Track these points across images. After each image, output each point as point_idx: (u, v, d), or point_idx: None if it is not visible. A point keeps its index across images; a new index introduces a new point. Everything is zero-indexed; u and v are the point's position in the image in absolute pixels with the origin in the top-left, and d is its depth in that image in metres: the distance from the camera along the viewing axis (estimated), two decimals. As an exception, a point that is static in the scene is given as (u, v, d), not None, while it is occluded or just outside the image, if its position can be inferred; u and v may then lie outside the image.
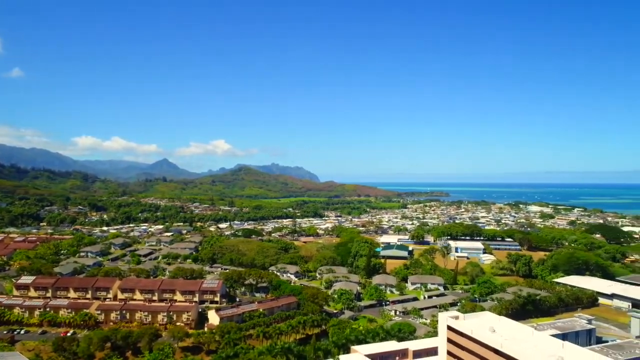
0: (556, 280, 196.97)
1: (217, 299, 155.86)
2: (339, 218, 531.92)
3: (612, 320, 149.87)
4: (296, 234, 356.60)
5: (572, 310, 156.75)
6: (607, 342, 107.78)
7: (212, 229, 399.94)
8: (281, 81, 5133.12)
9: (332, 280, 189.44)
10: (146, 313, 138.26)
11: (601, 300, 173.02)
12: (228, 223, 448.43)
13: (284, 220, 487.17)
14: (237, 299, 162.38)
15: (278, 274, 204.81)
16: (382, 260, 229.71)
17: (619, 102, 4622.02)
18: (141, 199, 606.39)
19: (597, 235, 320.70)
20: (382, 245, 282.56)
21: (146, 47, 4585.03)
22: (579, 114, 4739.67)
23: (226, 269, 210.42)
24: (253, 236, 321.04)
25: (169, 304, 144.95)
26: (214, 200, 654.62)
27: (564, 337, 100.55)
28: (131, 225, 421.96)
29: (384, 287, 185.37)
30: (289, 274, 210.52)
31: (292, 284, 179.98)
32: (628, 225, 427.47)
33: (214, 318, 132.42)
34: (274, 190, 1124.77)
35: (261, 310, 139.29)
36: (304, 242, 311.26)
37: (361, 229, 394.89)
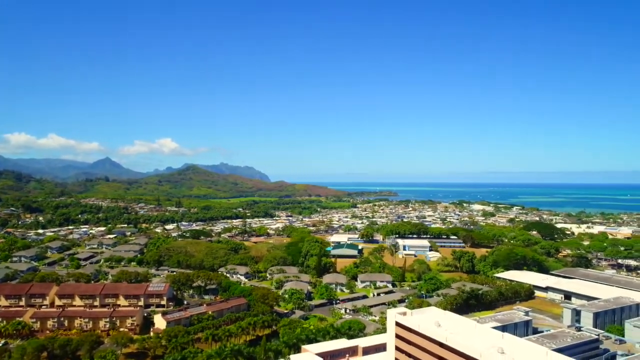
0: (497, 275, 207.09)
1: (163, 302, 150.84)
2: (290, 218, 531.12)
3: (547, 311, 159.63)
4: (246, 235, 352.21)
5: (511, 303, 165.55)
6: (542, 332, 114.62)
7: (158, 230, 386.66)
8: (231, 78, 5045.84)
9: (282, 280, 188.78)
10: (87, 319, 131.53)
11: (537, 293, 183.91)
12: (175, 224, 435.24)
13: (234, 220, 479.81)
14: (185, 302, 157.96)
15: (228, 275, 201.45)
16: (333, 260, 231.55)
17: (555, 104, 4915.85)
18: (81, 199, 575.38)
19: (534, 232, 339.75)
20: (333, 244, 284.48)
21: (85, 39, 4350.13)
22: (517, 116, 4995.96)
23: (173, 272, 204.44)
24: (202, 237, 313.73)
25: (112, 309, 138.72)
26: (161, 201, 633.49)
27: (503, 328, 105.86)
28: (70, 227, 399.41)
29: (334, 285, 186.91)
30: (239, 275, 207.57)
31: (242, 285, 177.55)
32: (561, 223, 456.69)
33: (160, 322, 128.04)
34: (223, 190, 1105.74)
35: (210, 312, 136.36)
36: (255, 242, 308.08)
37: (312, 228, 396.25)
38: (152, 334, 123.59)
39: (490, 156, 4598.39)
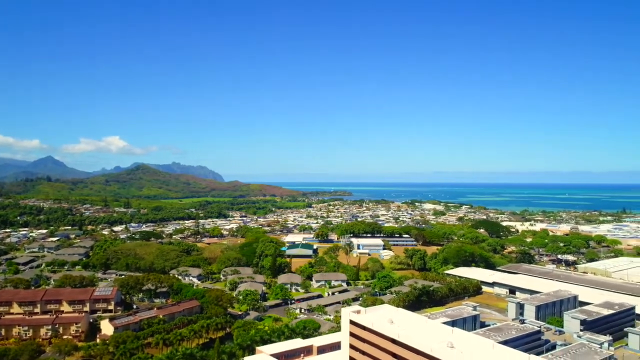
0: (447, 272, 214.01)
1: (111, 307, 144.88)
2: (244, 218, 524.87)
3: (494, 305, 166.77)
4: (199, 236, 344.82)
5: (461, 298, 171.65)
6: (489, 325, 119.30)
7: (105, 232, 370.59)
8: (182, 75, 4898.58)
9: (237, 282, 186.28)
10: (26, 327, 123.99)
11: (484, 288, 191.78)
12: (124, 226, 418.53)
13: (187, 221, 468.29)
14: (135, 306, 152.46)
15: (180, 277, 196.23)
16: (288, 259, 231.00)
17: (499, 103, 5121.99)
18: (20, 200, 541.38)
19: (481, 230, 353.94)
20: (288, 244, 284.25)
21: (23, 31, 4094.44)
22: (464, 117, 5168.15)
23: (122, 275, 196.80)
24: (152, 239, 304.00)
25: (54, 316, 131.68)
26: (108, 202, 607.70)
27: (453, 323, 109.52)
28: (7, 230, 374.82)
29: (289, 286, 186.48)
30: (191, 277, 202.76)
31: (194, 288, 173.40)
32: (506, 221, 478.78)
33: (107, 328, 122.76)
34: (175, 190, 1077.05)
35: (161, 316, 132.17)
36: (208, 243, 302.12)
37: (267, 228, 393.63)
38: (98, 340, 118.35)
39: (441, 156, 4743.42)
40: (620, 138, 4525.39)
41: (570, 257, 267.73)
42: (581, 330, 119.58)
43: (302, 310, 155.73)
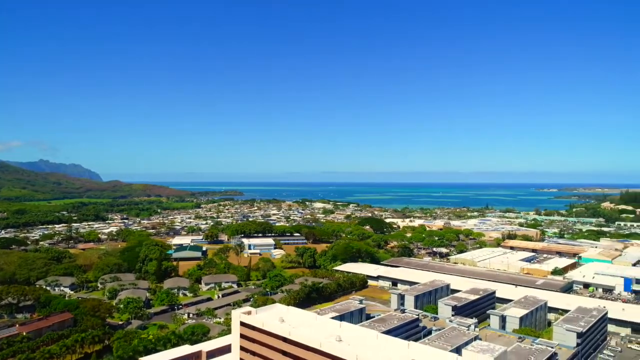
0: (336, 268, 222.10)
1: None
2: (126, 220, 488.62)
3: (378, 298, 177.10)
4: (72, 241, 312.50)
5: (348, 293, 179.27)
6: (374, 317, 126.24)
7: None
8: (50, 58, 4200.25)
9: (117, 289, 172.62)
10: None
11: (370, 282, 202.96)
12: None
13: (57, 225, 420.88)
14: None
15: (49, 288, 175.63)
16: (175, 263, 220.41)
17: (389, 107, 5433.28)
18: None
19: (367, 227, 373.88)
20: (175, 247, 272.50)
21: None
22: (351, 117, 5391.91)
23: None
24: (14, 246, 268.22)
25: None
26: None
27: (341, 318, 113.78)
28: None
29: (176, 290, 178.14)
30: (63, 288, 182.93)
31: (67, 299, 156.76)
32: (389, 218, 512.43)
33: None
34: (43, 191, 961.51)
35: (24, 333, 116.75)
36: (83, 249, 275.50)
37: (151, 231, 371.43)
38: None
39: (330, 157, 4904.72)
40: (483, 140, 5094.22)
41: (443, 250, 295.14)
42: (452, 315, 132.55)
43: (191, 315, 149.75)
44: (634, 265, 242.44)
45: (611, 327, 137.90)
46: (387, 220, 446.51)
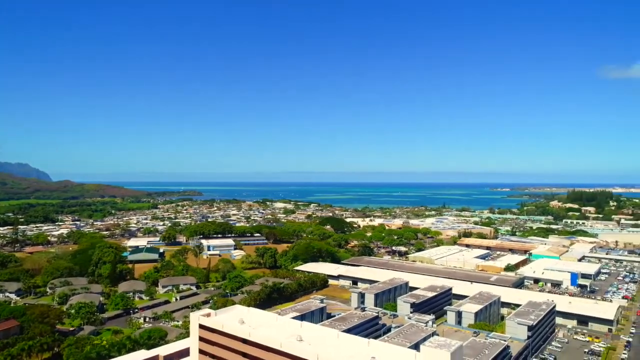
0: (297, 268, 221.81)
1: None
2: (78, 222, 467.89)
3: (339, 297, 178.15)
4: (19, 244, 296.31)
5: (309, 293, 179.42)
6: (334, 316, 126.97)
7: None
8: None
9: (67, 294, 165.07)
10: None
11: (331, 281, 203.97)
12: None
13: (1, 228, 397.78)
14: None
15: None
16: (130, 266, 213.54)
17: (351, 109, 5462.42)
18: None
19: (328, 227, 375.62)
20: (130, 249, 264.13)
21: None
22: (305, 118, 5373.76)
23: None
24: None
25: None
26: None
27: (302, 317, 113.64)
28: None
29: (132, 294, 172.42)
30: (7, 294, 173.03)
31: (12, 305, 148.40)
32: (350, 217, 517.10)
33: None
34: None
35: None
36: (30, 252, 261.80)
37: (105, 233, 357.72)
38: None
39: (291, 157, 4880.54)
40: (438, 141, 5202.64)
41: (402, 248, 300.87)
42: (411, 312, 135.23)
43: (147, 319, 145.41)
44: (580, 260, 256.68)
45: (559, 320, 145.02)
46: (348, 220, 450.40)
